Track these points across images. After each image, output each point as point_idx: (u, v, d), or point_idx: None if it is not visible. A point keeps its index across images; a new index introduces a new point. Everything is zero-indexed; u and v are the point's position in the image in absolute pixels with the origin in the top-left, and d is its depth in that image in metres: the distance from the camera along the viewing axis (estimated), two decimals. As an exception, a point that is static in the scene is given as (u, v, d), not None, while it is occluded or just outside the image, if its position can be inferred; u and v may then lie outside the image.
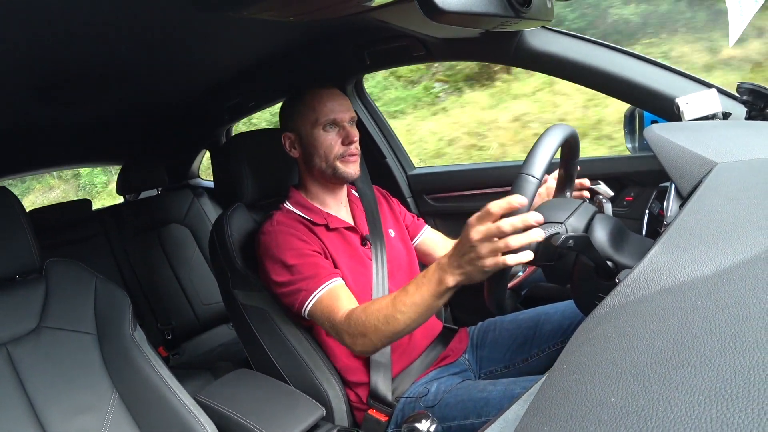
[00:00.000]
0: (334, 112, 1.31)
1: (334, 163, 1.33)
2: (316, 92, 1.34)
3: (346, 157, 1.33)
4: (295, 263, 1.22)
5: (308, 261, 1.23)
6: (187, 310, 2.49)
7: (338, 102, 1.33)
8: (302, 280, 1.21)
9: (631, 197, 1.52)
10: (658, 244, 0.58)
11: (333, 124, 1.32)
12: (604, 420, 0.38)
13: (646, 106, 1.32)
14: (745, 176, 0.71)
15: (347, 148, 1.32)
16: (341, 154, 1.32)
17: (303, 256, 1.23)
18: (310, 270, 1.21)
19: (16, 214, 1.16)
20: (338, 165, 1.33)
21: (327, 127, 1.32)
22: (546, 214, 0.91)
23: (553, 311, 1.36)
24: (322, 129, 1.32)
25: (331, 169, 1.33)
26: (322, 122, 1.31)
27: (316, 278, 1.20)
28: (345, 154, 1.33)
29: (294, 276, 1.22)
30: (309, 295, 1.19)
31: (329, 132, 1.32)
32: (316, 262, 1.23)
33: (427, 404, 1.24)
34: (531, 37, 1.38)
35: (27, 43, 1.09)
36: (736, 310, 0.42)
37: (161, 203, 2.66)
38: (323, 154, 1.33)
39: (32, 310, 1.17)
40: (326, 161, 1.33)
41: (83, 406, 1.13)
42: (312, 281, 1.20)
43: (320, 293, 1.19)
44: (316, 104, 1.32)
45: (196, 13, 1.10)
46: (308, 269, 1.22)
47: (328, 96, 1.33)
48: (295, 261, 1.23)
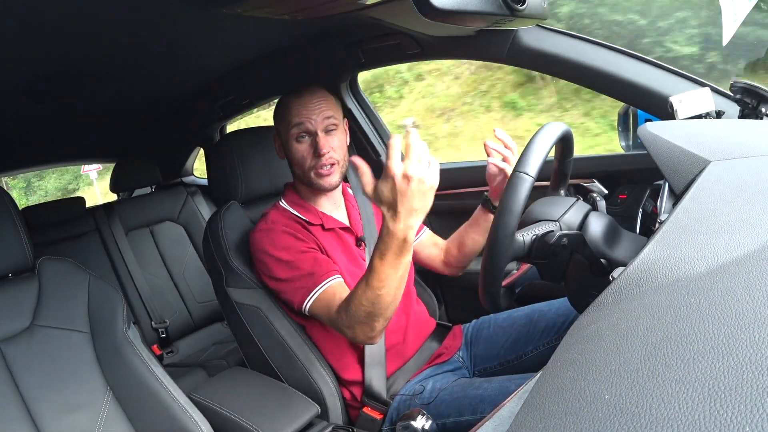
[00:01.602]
0: (303, 124, 1.27)
1: (308, 174, 1.30)
2: (292, 99, 1.29)
3: (317, 169, 1.29)
4: (294, 260, 1.22)
5: (306, 257, 1.23)
6: (181, 308, 2.48)
7: (309, 108, 1.27)
8: (302, 277, 1.21)
9: (625, 195, 1.53)
10: (652, 242, 0.59)
11: (305, 133, 1.28)
12: (598, 417, 0.38)
13: (640, 104, 1.32)
14: (738, 174, 0.71)
15: (318, 160, 1.28)
16: (312, 165, 1.29)
17: (300, 253, 1.23)
18: (309, 267, 1.21)
19: (9, 212, 1.15)
20: (312, 177, 1.30)
21: (299, 138, 1.28)
22: (540, 211, 0.91)
23: (548, 308, 1.37)
24: (295, 140, 1.28)
25: (307, 179, 1.31)
26: (294, 133, 1.28)
27: (315, 275, 1.20)
28: (316, 166, 1.28)
29: (293, 273, 1.22)
30: (309, 293, 1.19)
31: (301, 143, 1.28)
32: (314, 258, 1.23)
33: (422, 402, 1.24)
34: (526, 36, 1.38)
35: (18, 40, 1.08)
36: (729, 307, 0.43)
37: (155, 201, 2.65)
38: (298, 164, 1.31)
39: (25, 309, 1.17)
40: (302, 171, 1.31)
41: (77, 405, 1.13)
42: (312, 278, 1.20)
43: (320, 290, 1.18)
44: (288, 113, 1.28)
45: (190, 11, 1.10)
46: (307, 266, 1.21)
47: (302, 104, 1.28)
48: (293, 258, 1.22)
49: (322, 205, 1.38)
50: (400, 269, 1.04)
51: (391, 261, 1.02)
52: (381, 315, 1.07)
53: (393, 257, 1.01)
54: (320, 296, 1.18)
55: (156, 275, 2.49)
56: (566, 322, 1.28)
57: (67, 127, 2.08)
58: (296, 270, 1.22)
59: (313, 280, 1.19)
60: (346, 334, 1.14)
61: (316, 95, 1.29)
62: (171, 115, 2.36)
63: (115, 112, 2.09)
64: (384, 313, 1.07)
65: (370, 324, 1.09)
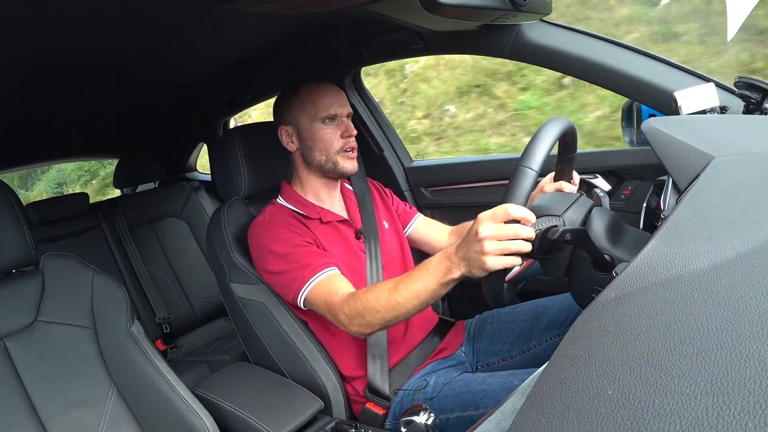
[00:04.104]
0: (333, 107, 1.32)
1: (334, 158, 1.33)
2: (314, 86, 1.34)
3: (346, 150, 1.33)
4: (289, 252, 1.23)
5: (302, 250, 1.23)
6: (184, 303, 2.49)
7: (336, 97, 1.34)
8: (297, 269, 1.21)
9: (629, 191, 1.53)
10: (655, 238, 0.59)
11: (331, 118, 1.32)
12: (601, 412, 0.38)
13: (644, 99, 1.32)
14: (742, 170, 0.71)
15: (347, 141, 1.33)
16: (341, 147, 1.33)
17: (296, 246, 1.24)
18: (304, 259, 1.21)
19: (13, 207, 1.16)
20: (338, 159, 1.33)
21: (326, 121, 1.32)
22: (543, 207, 0.91)
23: (551, 304, 1.37)
24: (322, 123, 1.32)
25: (331, 164, 1.34)
26: (322, 116, 1.31)
27: (311, 267, 1.20)
28: (345, 147, 1.33)
29: (288, 265, 1.22)
30: (304, 283, 1.19)
31: (329, 126, 1.32)
32: (309, 251, 1.23)
33: (425, 397, 1.24)
34: (529, 31, 1.38)
35: (21, 36, 1.08)
36: (732, 303, 0.43)
37: (158, 197, 2.65)
38: (323, 148, 1.33)
39: (29, 304, 1.17)
40: (326, 155, 1.33)
41: (81, 400, 1.14)
42: (307, 270, 1.20)
43: (316, 281, 1.18)
44: (316, 98, 1.32)
45: (194, 6, 1.09)
46: (303, 258, 1.22)
47: (326, 91, 1.34)
48: (288, 250, 1.23)
49: (322, 200, 1.39)
50: (429, 294, 1.02)
51: (429, 281, 1.00)
52: (384, 318, 1.07)
53: (433, 278, 0.99)
54: (316, 286, 1.18)
55: (159, 271, 2.50)
56: (569, 318, 1.28)
57: (70, 123, 2.08)
58: (292, 262, 1.22)
59: (308, 272, 1.19)
60: (341, 320, 1.13)
61: (333, 87, 1.37)
62: (174, 111, 2.35)
63: (119, 108, 2.09)
64: (388, 318, 1.07)
65: (369, 320, 1.09)
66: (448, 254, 0.97)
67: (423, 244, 1.57)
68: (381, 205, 1.52)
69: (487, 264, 0.87)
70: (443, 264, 0.98)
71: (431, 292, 1.01)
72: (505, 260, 0.87)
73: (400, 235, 1.51)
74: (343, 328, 1.14)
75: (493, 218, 0.87)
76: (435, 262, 1.00)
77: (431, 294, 1.01)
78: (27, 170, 9.18)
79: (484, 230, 0.87)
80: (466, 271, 0.94)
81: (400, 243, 1.49)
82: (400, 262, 1.46)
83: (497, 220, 0.86)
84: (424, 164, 2.04)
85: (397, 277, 1.08)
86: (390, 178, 1.98)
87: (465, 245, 0.92)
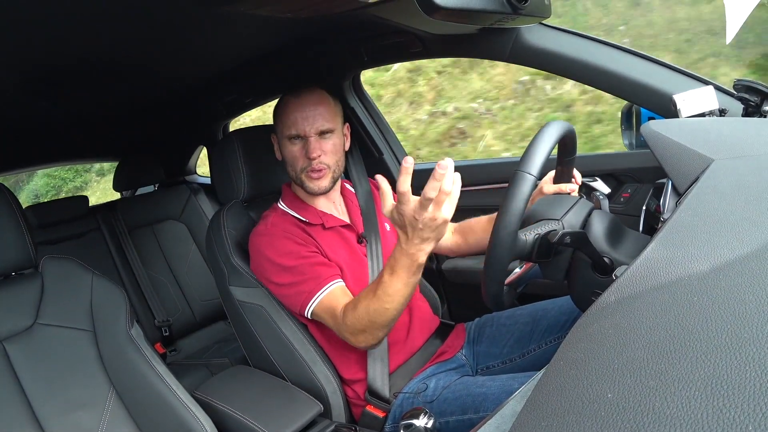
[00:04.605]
0: (297, 126, 1.28)
1: (300, 176, 1.31)
2: (290, 100, 1.30)
3: (308, 172, 1.30)
4: (295, 265, 1.23)
5: (307, 262, 1.23)
6: (184, 306, 2.48)
7: (306, 114, 1.28)
8: (303, 282, 1.21)
9: (628, 194, 1.53)
10: (655, 241, 0.59)
11: (298, 136, 1.29)
12: (600, 416, 0.38)
13: (643, 102, 1.32)
14: (741, 173, 0.71)
15: (310, 163, 1.29)
16: (304, 168, 1.30)
17: (301, 257, 1.24)
18: (310, 272, 1.22)
19: (13, 210, 1.15)
20: (303, 179, 1.31)
21: (292, 139, 1.29)
22: (543, 211, 0.91)
23: (551, 307, 1.37)
24: (287, 140, 1.30)
25: (299, 181, 1.32)
26: (286, 134, 1.29)
27: (317, 280, 1.21)
28: (307, 168, 1.29)
29: (295, 278, 1.22)
30: (311, 297, 1.20)
31: (294, 144, 1.30)
32: (316, 262, 1.24)
33: (425, 400, 1.24)
34: (528, 34, 1.38)
35: (21, 38, 1.08)
36: (732, 306, 0.43)
37: (158, 199, 2.65)
38: (291, 165, 1.32)
39: (28, 307, 1.17)
40: (294, 172, 1.32)
41: (80, 403, 1.13)
42: (313, 283, 1.20)
43: (322, 295, 1.19)
44: (284, 114, 1.30)
45: (193, 9, 1.09)
46: (308, 271, 1.22)
47: (296, 107, 1.29)
48: (294, 263, 1.23)
49: (321, 205, 1.38)
50: (409, 288, 1.06)
51: (401, 277, 1.04)
52: (382, 325, 1.11)
53: (404, 275, 1.04)
54: (323, 300, 1.19)
55: (159, 274, 2.50)
56: (569, 321, 1.28)
57: (70, 125, 2.08)
58: (298, 275, 1.22)
59: (315, 285, 1.20)
60: (349, 339, 1.16)
61: (314, 98, 1.30)
62: (174, 113, 2.35)
63: (119, 111, 2.09)
64: (386, 323, 1.10)
65: (372, 333, 1.12)
66: (403, 251, 1.01)
67: None
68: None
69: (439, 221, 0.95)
70: (404, 260, 1.02)
71: (408, 285, 1.06)
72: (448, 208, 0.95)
73: None
74: (355, 345, 1.18)
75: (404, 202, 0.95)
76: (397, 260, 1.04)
77: (409, 286, 1.06)
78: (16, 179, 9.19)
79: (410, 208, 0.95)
80: (432, 247, 1.01)
81: None
82: None
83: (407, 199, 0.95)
84: (423, 167, 2.04)
85: (370, 285, 1.11)
86: (389, 181, 1.97)
87: (413, 232, 0.98)
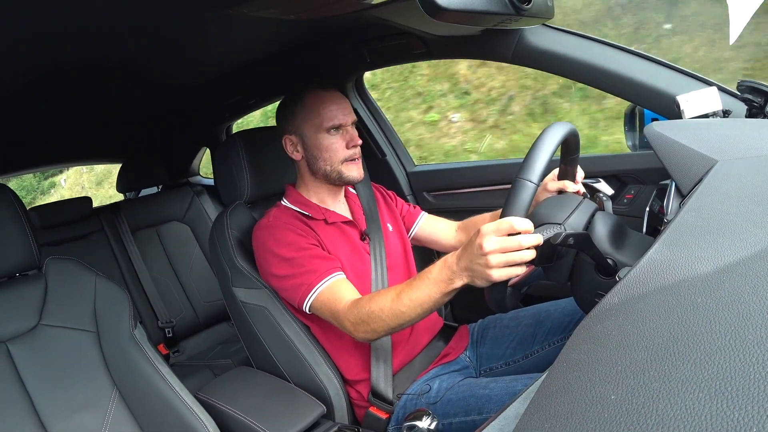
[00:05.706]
0: (338, 117, 1.31)
1: (339, 168, 1.33)
2: (318, 95, 1.33)
3: (350, 160, 1.33)
4: (294, 257, 1.23)
5: (307, 254, 1.23)
6: (187, 308, 2.49)
7: (341, 106, 1.33)
8: (303, 274, 1.21)
9: (632, 195, 1.52)
10: (659, 242, 0.58)
11: (336, 128, 1.32)
12: (604, 417, 0.38)
13: (646, 103, 1.32)
14: (745, 174, 0.71)
15: (352, 151, 1.33)
16: (346, 157, 1.33)
17: (301, 249, 1.24)
18: (309, 264, 1.21)
19: (16, 211, 1.16)
20: (343, 169, 1.33)
21: (331, 131, 1.31)
22: (546, 214, 0.91)
23: (554, 308, 1.37)
24: (326, 133, 1.31)
25: (336, 173, 1.33)
26: (327, 126, 1.31)
27: (317, 272, 1.20)
28: (349, 157, 1.33)
29: (294, 270, 1.22)
30: (310, 290, 1.19)
31: (333, 135, 1.32)
32: (316, 255, 1.24)
33: (429, 401, 1.24)
34: (531, 35, 1.38)
35: (23, 42, 1.09)
36: (736, 307, 0.42)
37: (161, 201, 2.66)
38: (328, 158, 1.33)
39: (32, 308, 1.17)
40: (331, 165, 1.33)
41: (83, 404, 1.13)
42: (313, 275, 1.20)
43: (322, 287, 1.19)
44: (320, 107, 1.31)
45: (196, 11, 1.10)
46: (308, 263, 1.22)
47: (331, 100, 1.32)
48: (293, 254, 1.23)
49: (326, 203, 1.39)
50: (431, 303, 1.04)
51: (431, 290, 1.02)
52: (389, 326, 1.09)
53: (435, 289, 1.01)
54: (322, 293, 1.19)
55: (162, 275, 2.50)
56: (572, 322, 1.28)
57: (73, 127, 2.09)
58: (297, 267, 1.22)
59: (315, 277, 1.20)
60: (346, 327, 1.15)
61: (338, 95, 1.35)
62: (177, 115, 2.36)
63: (122, 112, 2.10)
64: (393, 326, 1.09)
65: (374, 327, 1.11)
66: (449, 264, 0.98)
67: (431, 243, 1.57)
68: (385, 208, 1.52)
69: (493, 277, 0.89)
70: (444, 273, 0.99)
71: (434, 302, 1.03)
72: (510, 271, 0.88)
73: (403, 237, 1.51)
74: (349, 334, 1.16)
75: (497, 232, 0.88)
76: (436, 271, 1.01)
77: (434, 303, 1.03)
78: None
79: (489, 244, 0.88)
80: (469, 281, 0.95)
81: (404, 246, 1.50)
82: (403, 264, 1.46)
83: (501, 233, 0.87)
84: (426, 168, 2.04)
85: (399, 284, 1.09)
86: (393, 182, 1.98)
87: (467, 256, 0.93)
